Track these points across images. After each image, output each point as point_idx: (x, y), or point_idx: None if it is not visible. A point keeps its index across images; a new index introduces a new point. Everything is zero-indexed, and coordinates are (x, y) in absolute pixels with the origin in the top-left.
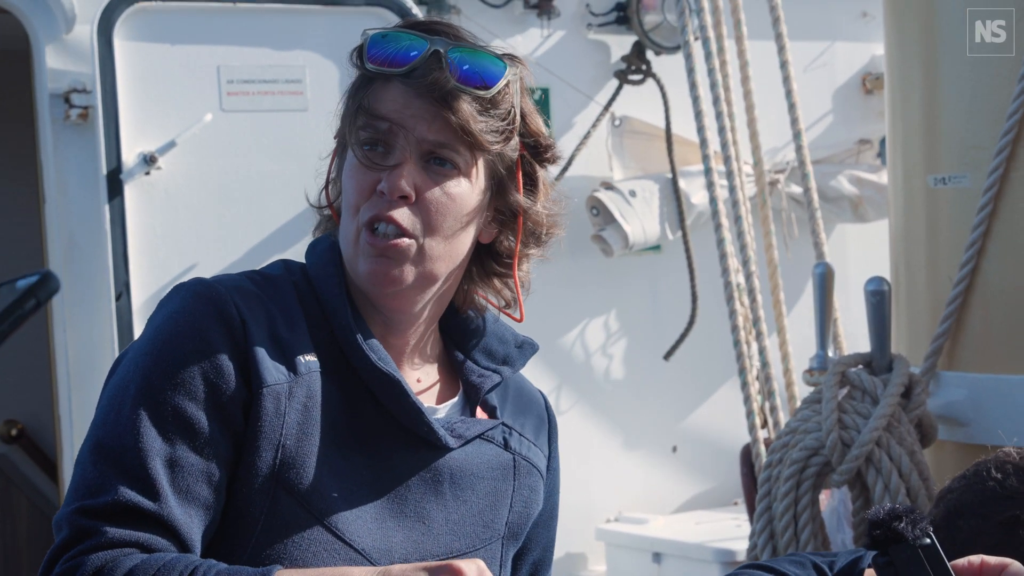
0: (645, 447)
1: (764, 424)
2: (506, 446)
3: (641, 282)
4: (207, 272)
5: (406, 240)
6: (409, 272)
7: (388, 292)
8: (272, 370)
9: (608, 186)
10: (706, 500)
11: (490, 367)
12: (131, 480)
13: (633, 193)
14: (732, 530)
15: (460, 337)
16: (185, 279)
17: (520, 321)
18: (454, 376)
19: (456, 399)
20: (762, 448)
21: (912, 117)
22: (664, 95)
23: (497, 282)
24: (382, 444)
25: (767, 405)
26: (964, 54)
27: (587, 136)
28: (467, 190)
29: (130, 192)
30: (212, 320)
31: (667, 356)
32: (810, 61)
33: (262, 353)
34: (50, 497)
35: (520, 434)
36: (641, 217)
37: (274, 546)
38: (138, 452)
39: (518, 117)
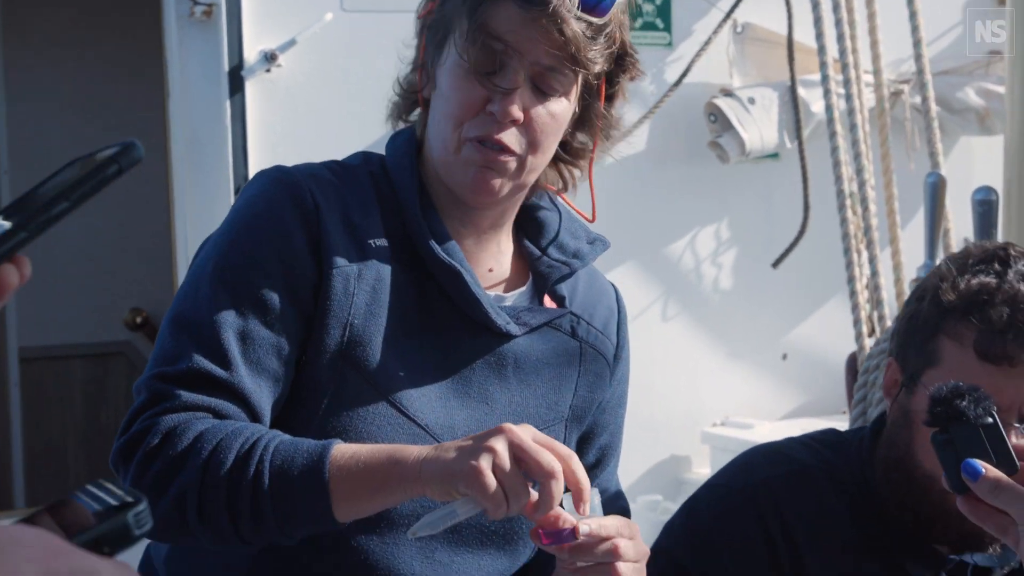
0: (753, 354)
1: (872, 333)
2: (573, 334)
3: (757, 190)
4: None
5: (509, 156)
6: (507, 184)
7: (487, 202)
8: (343, 252)
9: (727, 92)
10: (813, 408)
11: (560, 259)
12: (206, 350)
13: (752, 100)
14: None
15: (533, 230)
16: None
17: (592, 222)
18: (525, 266)
19: (525, 288)
20: None
21: None
22: (788, 1)
23: (563, 168)
24: (448, 329)
25: (875, 315)
26: None
27: (708, 43)
28: (566, 107)
29: (251, 89)
30: (288, 204)
31: (775, 264)
32: None
33: (334, 237)
34: None
35: (588, 323)
36: (759, 124)
37: (340, 420)
38: (213, 324)
39: (619, 38)
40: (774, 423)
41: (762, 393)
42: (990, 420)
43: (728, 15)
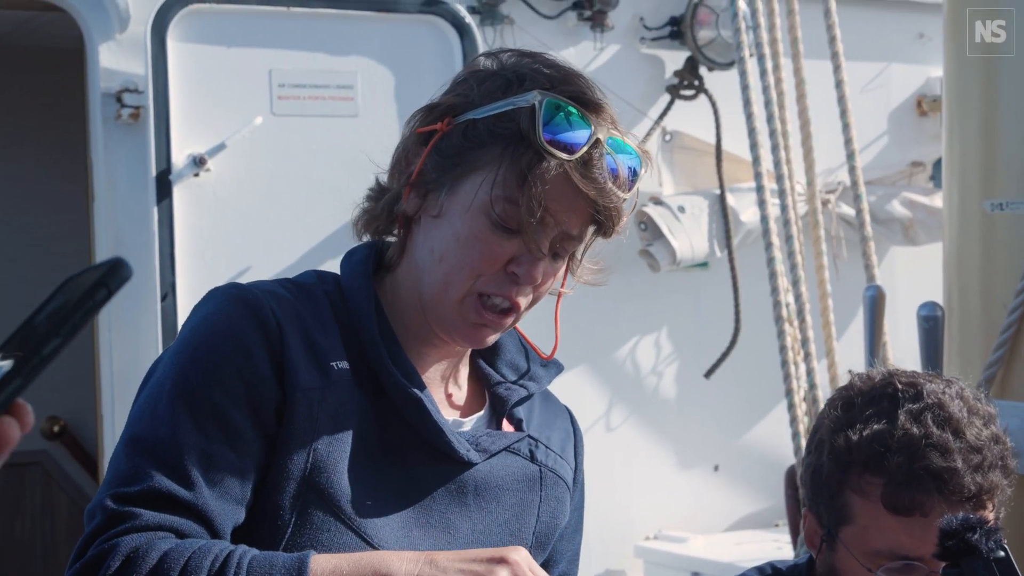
0: (687, 465)
1: None
2: (532, 458)
3: (687, 299)
4: (254, 276)
5: (514, 315)
6: (499, 335)
7: (471, 348)
8: (305, 374)
9: (657, 201)
10: (747, 521)
11: (517, 382)
12: (166, 470)
13: (682, 209)
14: (773, 552)
15: (489, 352)
16: (233, 281)
17: (549, 358)
18: (481, 388)
19: (483, 412)
20: None
21: (970, 140)
22: (716, 111)
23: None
24: (409, 456)
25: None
26: None
27: None
28: (564, 262)
29: (179, 193)
30: (248, 322)
31: (708, 374)
32: (866, 82)
33: (297, 356)
34: (91, 495)
35: (547, 447)
36: (689, 233)
37: (303, 548)
38: (173, 444)
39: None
40: (708, 536)
41: (696, 504)
42: (1002, 553)
43: (657, 123)
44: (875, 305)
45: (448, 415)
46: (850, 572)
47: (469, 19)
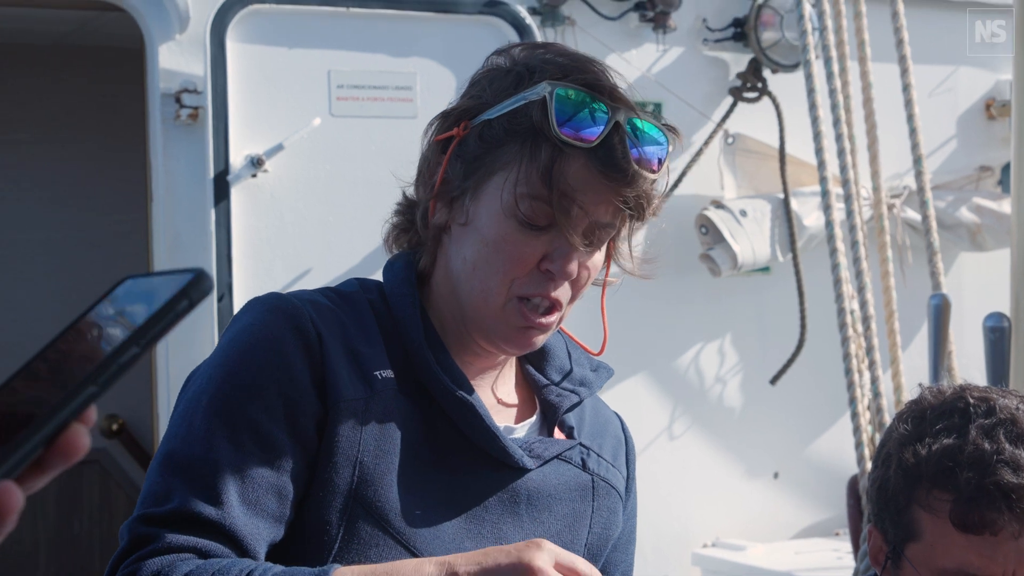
0: (747, 472)
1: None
2: (584, 467)
3: (749, 304)
4: (311, 278)
5: (557, 315)
6: (546, 337)
7: (521, 353)
8: (348, 385)
9: (718, 204)
10: (808, 530)
11: (568, 387)
12: (197, 489)
13: (744, 213)
14: (832, 561)
15: (538, 357)
16: (289, 283)
17: (599, 355)
18: (531, 395)
19: (534, 419)
20: None
21: None
22: (779, 114)
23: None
24: (459, 463)
25: (877, 437)
26: None
27: (699, 153)
28: (603, 253)
29: (236, 194)
30: (288, 333)
31: (774, 381)
32: (934, 85)
33: (339, 367)
34: None
35: (598, 455)
36: (751, 237)
37: (352, 564)
38: (207, 462)
39: (667, 184)
40: (766, 544)
41: (755, 512)
42: None
43: (719, 125)
44: (940, 314)
45: (500, 422)
46: None
47: (529, 20)
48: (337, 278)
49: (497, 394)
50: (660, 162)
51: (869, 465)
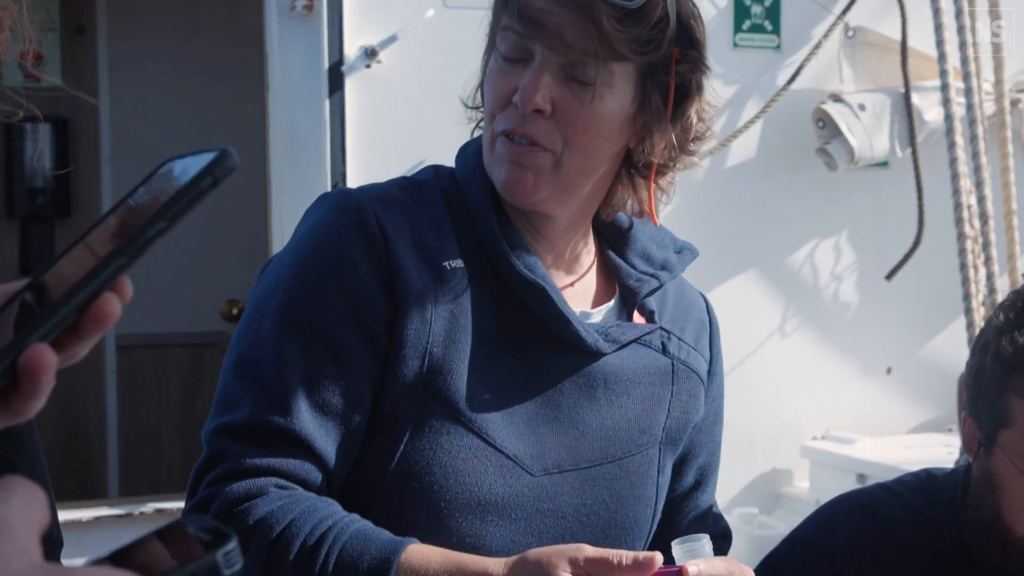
0: (859, 367)
1: None
2: (664, 350)
3: (866, 199)
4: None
5: (540, 151)
6: (544, 184)
7: (524, 203)
8: (416, 278)
9: (836, 98)
10: (919, 426)
11: (648, 271)
12: (267, 395)
13: (862, 106)
14: (943, 456)
15: (617, 240)
16: (403, 175)
17: (655, 220)
18: (611, 280)
19: (612, 303)
20: None
21: None
22: (902, 5)
23: (643, 185)
24: (533, 349)
25: None
26: None
27: (818, 46)
28: (610, 102)
29: (351, 85)
30: (351, 231)
31: (889, 276)
32: None
33: (405, 261)
34: None
35: (679, 338)
36: (869, 132)
37: (423, 452)
38: (274, 366)
39: (672, 24)
40: (876, 439)
41: (866, 407)
42: None
43: (839, 18)
44: None
45: (577, 307)
46: (1007, 476)
47: None
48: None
49: (573, 276)
50: None
51: None
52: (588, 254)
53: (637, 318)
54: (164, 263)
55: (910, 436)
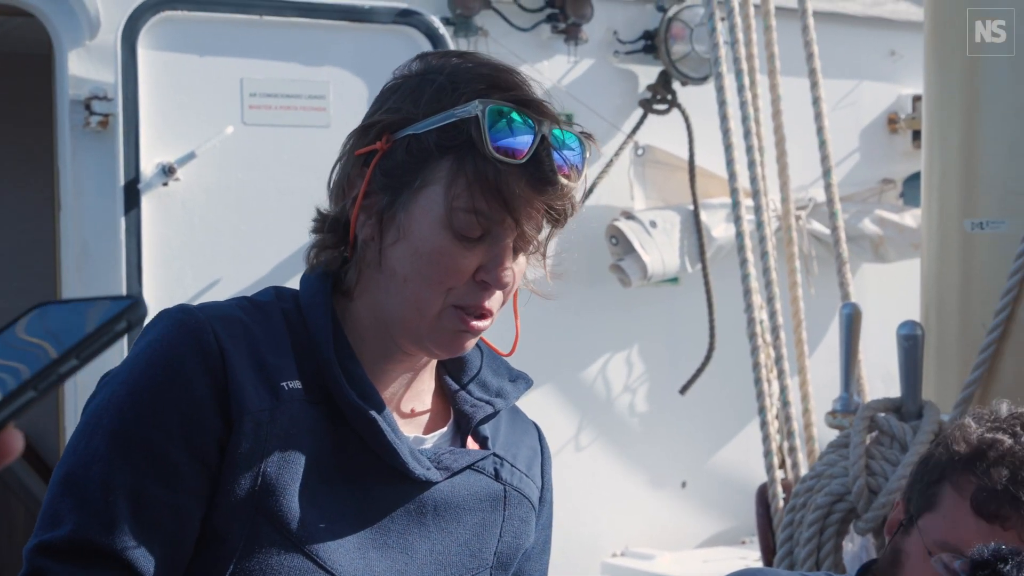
0: (655, 481)
1: (782, 465)
2: (497, 477)
3: (658, 314)
4: (222, 288)
5: (490, 318)
6: (476, 339)
7: (453, 357)
8: (253, 397)
9: (628, 216)
10: (714, 538)
11: (483, 398)
12: (91, 513)
13: (653, 223)
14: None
15: (455, 366)
16: (200, 292)
17: (509, 355)
18: (447, 405)
19: (446, 429)
20: (779, 489)
21: (950, 159)
22: (688, 126)
23: None
24: (366, 476)
25: (786, 445)
26: (1009, 94)
27: (609, 164)
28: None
29: (147, 203)
30: (189, 349)
31: (683, 390)
32: (838, 99)
33: (242, 380)
34: None
35: (512, 465)
36: (660, 248)
37: (253, 573)
38: (101, 484)
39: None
40: (675, 553)
41: (663, 521)
42: None
43: (629, 137)
44: (851, 323)
45: (410, 432)
46: (913, 556)
47: (443, 30)
48: (248, 288)
49: (412, 403)
50: (578, 170)
51: (778, 473)
52: (430, 379)
53: (471, 443)
54: None
55: (707, 550)
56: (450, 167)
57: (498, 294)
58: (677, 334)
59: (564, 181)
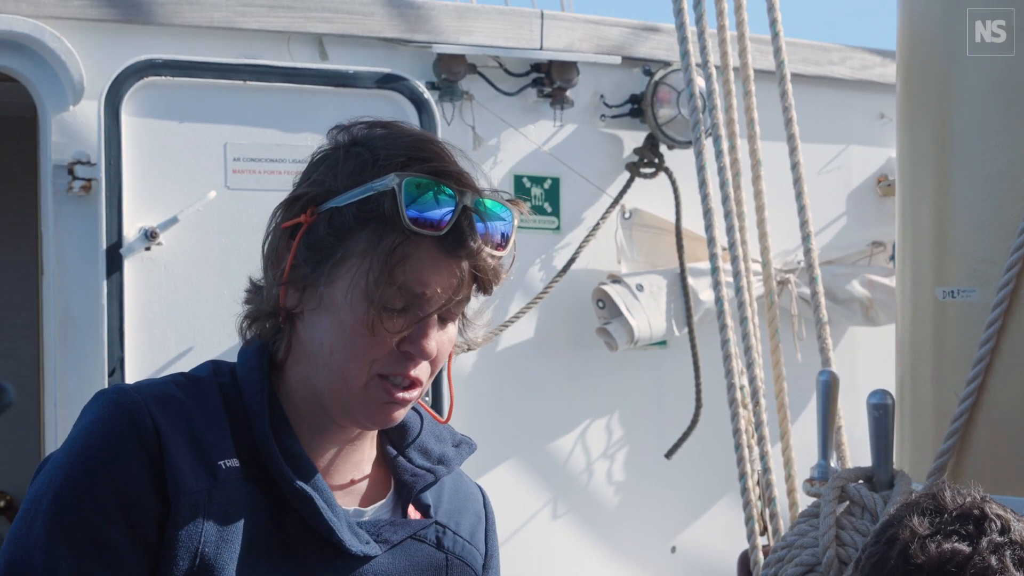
0: (643, 546)
1: (764, 531)
2: (439, 545)
3: (645, 378)
4: (204, 353)
5: (419, 388)
6: (406, 410)
7: (383, 428)
8: (190, 477)
9: (615, 279)
10: None
11: (424, 465)
12: None
13: (640, 287)
14: None
15: (395, 432)
16: (180, 356)
17: (445, 423)
18: (387, 474)
19: (387, 499)
20: (760, 556)
21: (922, 227)
22: (675, 189)
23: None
24: (305, 551)
25: (767, 512)
26: (978, 165)
27: (596, 228)
28: (455, 326)
29: (129, 267)
30: (125, 431)
31: (669, 455)
32: (826, 162)
33: (179, 461)
34: None
35: (455, 533)
36: (647, 312)
37: None
38: (43, 571)
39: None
40: None
41: None
42: None
43: (616, 200)
44: (828, 391)
45: (348, 503)
46: None
47: (428, 95)
48: (229, 353)
49: (351, 473)
50: (506, 238)
51: (759, 540)
52: (371, 449)
53: (413, 512)
54: None
55: None
56: (368, 238)
57: (425, 364)
58: (664, 398)
59: (488, 250)
